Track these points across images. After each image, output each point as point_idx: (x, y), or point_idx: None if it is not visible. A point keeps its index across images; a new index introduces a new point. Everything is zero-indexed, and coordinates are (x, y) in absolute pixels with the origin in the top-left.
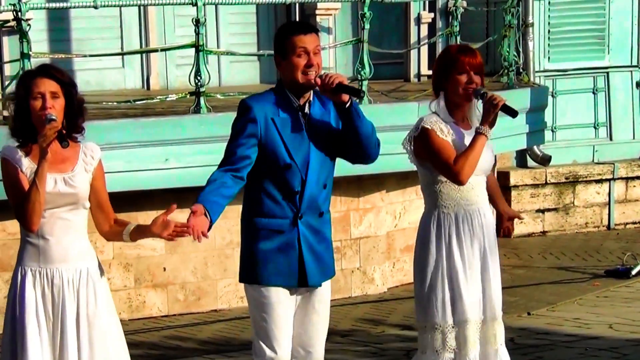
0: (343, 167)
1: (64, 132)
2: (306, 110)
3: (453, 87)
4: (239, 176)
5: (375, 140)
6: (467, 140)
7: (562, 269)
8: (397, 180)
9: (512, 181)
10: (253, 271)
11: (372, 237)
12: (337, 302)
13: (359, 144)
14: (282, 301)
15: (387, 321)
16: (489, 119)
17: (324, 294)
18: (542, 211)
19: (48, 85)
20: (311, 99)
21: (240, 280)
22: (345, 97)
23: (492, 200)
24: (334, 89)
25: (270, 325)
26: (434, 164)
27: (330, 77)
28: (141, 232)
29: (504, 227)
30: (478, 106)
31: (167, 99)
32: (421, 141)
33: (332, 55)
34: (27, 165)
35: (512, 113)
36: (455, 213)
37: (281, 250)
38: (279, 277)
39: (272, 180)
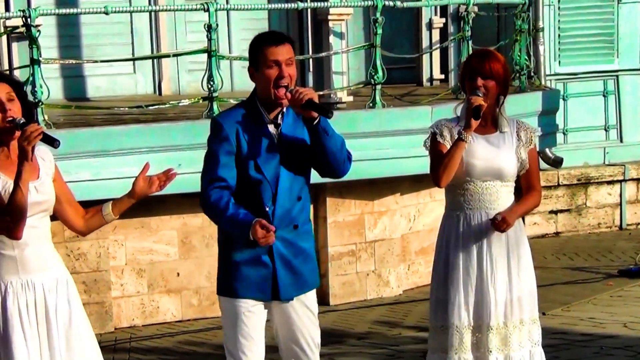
0: (356, 171)
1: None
2: (279, 121)
3: (467, 91)
4: (231, 190)
5: (344, 156)
6: (481, 144)
7: (576, 269)
8: (410, 184)
9: None
10: (226, 283)
11: (387, 240)
12: (352, 305)
13: (325, 160)
14: (252, 313)
15: (403, 323)
16: (468, 124)
17: (310, 304)
18: (555, 212)
19: (3, 88)
20: (284, 110)
21: (217, 293)
22: (314, 113)
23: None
24: (303, 105)
25: (239, 337)
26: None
27: (301, 92)
28: (123, 202)
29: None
30: (503, 112)
31: (180, 104)
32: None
33: (344, 60)
34: None
35: (476, 115)
36: (457, 216)
37: (253, 264)
38: (250, 291)
39: (244, 195)
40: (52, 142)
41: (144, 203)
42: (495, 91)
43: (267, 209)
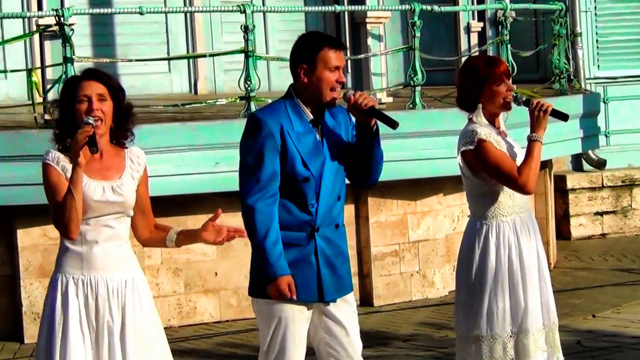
0: (398, 171)
1: (105, 136)
2: (320, 120)
3: (490, 99)
4: (277, 198)
5: (378, 170)
6: (511, 147)
7: (624, 270)
8: (454, 184)
9: (569, 185)
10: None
11: (431, 240)
12: (397, 306)
13: (368, 166)
14: (296, 317)
15: (449, 325)
16: (541, 126)
17: (353, 304)
18: (601, 214)
19: (95, 88)
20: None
21: (251, 294)
22: (372, 120)
23: None
24: (365, 112)
25: (283, 343)
26: (494, 176)
27: (365, 98)
28: (188, 237)
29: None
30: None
31: (217, 103)
32: (477, 153)
33: (383, 62)
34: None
35: (563, 117)
36: (513, 221)
37: (298, 264)
38: (298, 292)
39: (287, 193)
40: (90, 146)
41: (180, 202)
42: None
43: (311, 207)
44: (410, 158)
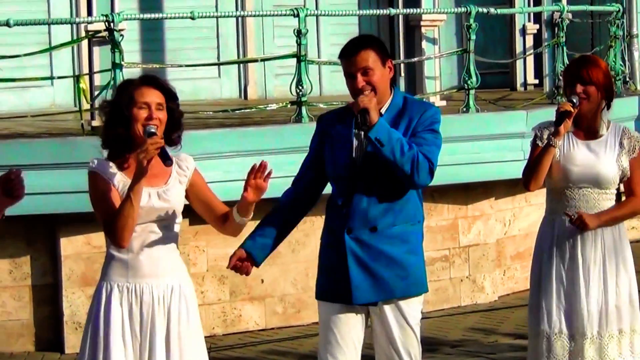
0: (449, 175)
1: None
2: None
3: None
4: (299, 192)
5: (406, 168)
6: (581, 151)
7: None
8: (506, 188)
9: (621, 188)
10: (317, 285)
11: (482, 244)
12: (446, 311)
13: (389, 163)
14: (339, 319)
15: (498, 330)
16: (557, 130)
17: (407, 312)
18: None
19: (155, 96)
20: (383, 111)
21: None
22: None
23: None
24: (361, 111)
25: (325, 343)
26: None
27: (361, 100)
28: (243, 206)
29: None
30: (602, 116)
31: (267, 109)
32: None
33: (437, 65)
34: (119, 179)
35: (557, 122)
36: (553, 221)
37: (332, 265)
38: (331, 294)
39: (331, 194)
40: (165, 159)
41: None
42: (597, 97)
43: (342, 208)
44: (463, 162)
